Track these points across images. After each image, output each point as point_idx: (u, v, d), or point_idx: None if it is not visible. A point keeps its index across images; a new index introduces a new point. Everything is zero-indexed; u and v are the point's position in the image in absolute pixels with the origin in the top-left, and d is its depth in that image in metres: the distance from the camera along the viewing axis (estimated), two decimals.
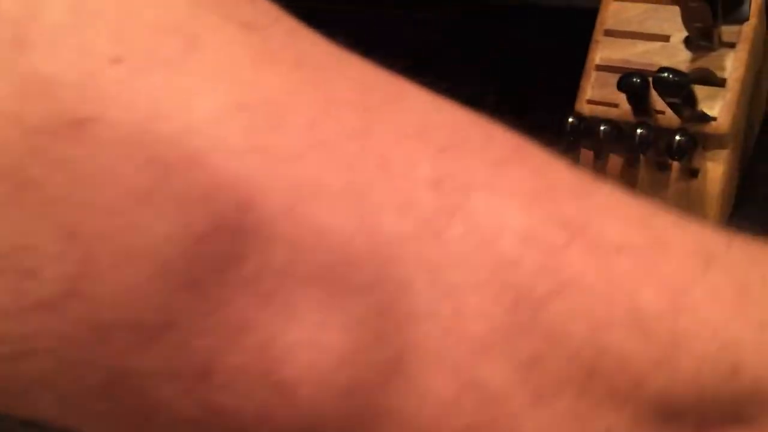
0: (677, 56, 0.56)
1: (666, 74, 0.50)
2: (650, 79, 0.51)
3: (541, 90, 0.80)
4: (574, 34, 0.75)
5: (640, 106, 0.53)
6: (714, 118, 0.54)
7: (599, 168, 0.60)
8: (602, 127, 0.52)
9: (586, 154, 0.61)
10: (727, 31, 0.55)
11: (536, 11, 0.78)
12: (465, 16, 0.83)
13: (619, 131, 0.53)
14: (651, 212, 0.24)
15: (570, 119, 0.53)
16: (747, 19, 0.55)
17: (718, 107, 0.54)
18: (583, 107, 0.57)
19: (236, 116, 0.18)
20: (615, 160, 0.60)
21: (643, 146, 0.52)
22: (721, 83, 0.55)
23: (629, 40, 0.58)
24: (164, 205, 0.17)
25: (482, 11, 0.81)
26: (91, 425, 0.20)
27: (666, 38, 0.57)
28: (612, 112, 0.55)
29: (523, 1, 0.79)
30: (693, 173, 0.57)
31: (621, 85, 0.51)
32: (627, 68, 0.56)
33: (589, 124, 0.53)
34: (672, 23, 0.56)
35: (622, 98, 0.55)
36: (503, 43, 0.83)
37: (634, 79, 0.51)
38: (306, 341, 0.19)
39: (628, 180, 0.60)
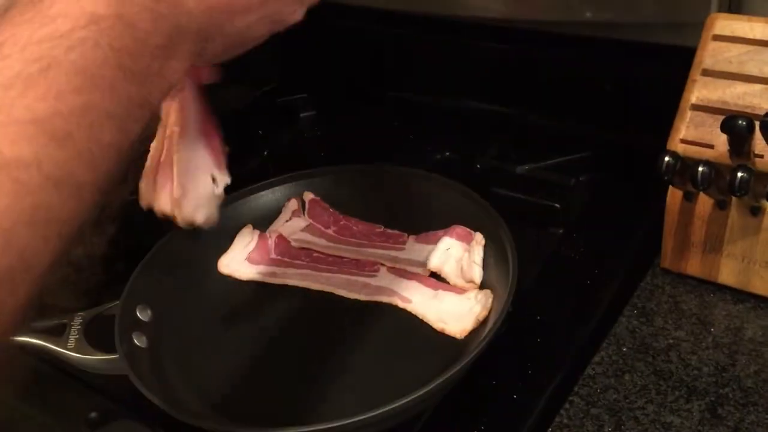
0: None
1: None
2: (756, 122, 0.50)
3: (631, 126, 0.80)
4: (668, 71, 0.75)
5: (740, 149, 0.52)
6: None
7: (688, 209, 0.60)
8: (700, 168, 0.51)
9: (675, 193, 0.60)
10: None
11: (632, 47, 0.78)
12: (551, 47, 0.84)
13: (716, 172, 0.52)
14: None
15: (666, 158, 0.53)
16: None
17: None
18: (676, 146, 0.56)
19: None
20: (705, 202, 0.59)
21: (741, 189, 0.51)
22: None
23: (728, 81, 0.57)
24: None
25: (574, 44, 0.82)
26: None
27: (766, 81, 0.56)
28: (707, 153, 0.55)
29: (618, 36, 0.79)
30: None
31: (724, 127, 0.51)
32: (724, 109, 0.55)
33: (684, 164, 0.53)
34: None
35: (719, 139, 0.54)
36: (595, 76, 0.83)
37: (739, 122, 0.50)
38: None
39: (718, 222, 0.59)
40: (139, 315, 0.60)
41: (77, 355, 0.55)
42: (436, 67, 0.94)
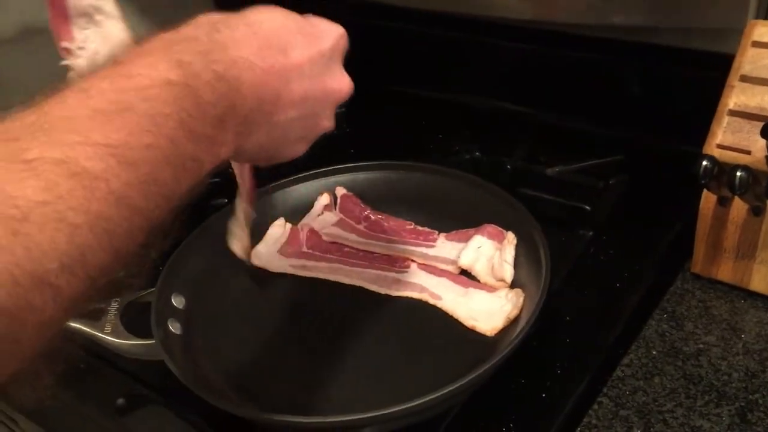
0: None
1: None
2: None
3: (662, 130, 0.80)
4: (700, 76, 0.75)
5: None
6: None
7: (722, 214, 0.60)
8: (738, 173, 0.51)
9: (709, 198, 0.60)
10: None
11: (664, 51, 0.78)
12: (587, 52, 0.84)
13: (753, 178, 0.52)
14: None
15: (704, 162, 0.53)
16: None
17: None
18: (713, 151, 0.56)
19: None
20: (739, 207, 0.59)
21: None
22: None
23: (766, 88, 0.57)
24: None
25: (608, 48, 0.82)
26: None
27: None
28: (743, 159, 0.55)
29: (651, 40, 0.79)
30: None
31: (764, 133, 0.51)
32: (762, 116, 0.55)
33: (721, 168, 0.53)
34: None
35: (756, 145, 0.54)
36: (626, 80, 0.83)
37: None
38: None
39: (752, 228, 0.59)
40: (173, 302, 0.61)
41: (114, 339, 0.57)
42: (467, 67, 0.95)
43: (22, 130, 0.33)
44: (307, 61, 0.46)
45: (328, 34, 0.49)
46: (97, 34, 0.70)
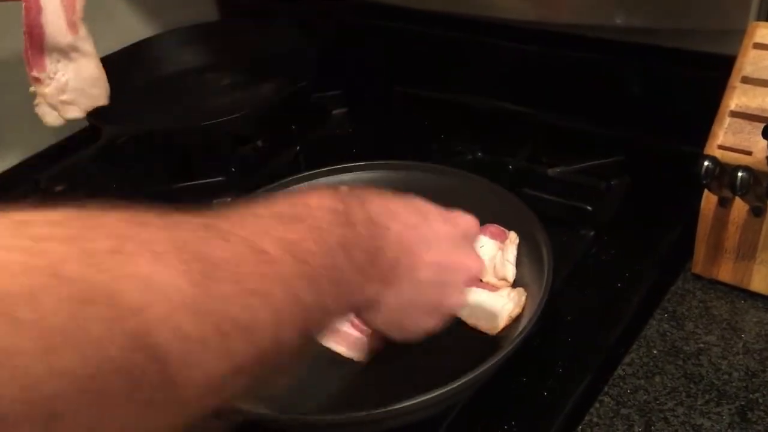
0: None
1: None
2: None
3: (663, 131, 0.80)
4: (701, 77, 0.75)
5: None
6: None
7: (722, 215, 0.60)
8: (740, 173, 0.51)
9: (710, 198, 0.60)
10: None
11: (666, 52, 0.78)
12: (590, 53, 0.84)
13: (754, 179, 0.53)
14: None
15: (705, 162, 0.53)
16: None
17: None
18: (714, 151, 0.57)
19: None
20: (740, 208, 0.59)
21: None
22: None
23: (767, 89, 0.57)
24: None
25: (610, 48, 0.82)
26: None
27: None
28: (744, 159, 0.55)
29: (652, 42, 0.79)
30: None
31: (765, 133, 0.51)
32: (763, 117, 0.56)
33: (722, 169, 0.53)
34: None
35: (757, 146, 0.54)
36: (628, 81, 0.83)
37: None
38: None
39: (752, 229, 0.59)
40: None
41: None
42: (468, 67, 0.95)
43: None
44: (444, 232, 0.49)
45: (464, 218, 0.52)
46: (69, 68, 0.71)
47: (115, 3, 1.05)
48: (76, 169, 0.92)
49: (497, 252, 0.64)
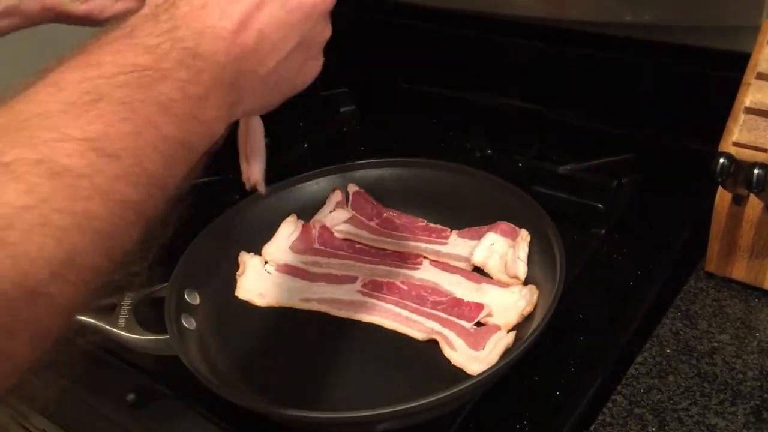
0: None
1: None
2: None
3: (675, 129, 0.79)
4: (714, 75, 0.75)
5: None
6: None
7: (736, 212, 0.59)
8: (756, 170, 0.51)
9: (724, 196, 0.60)
10: None
11: (677, 49, 0.78)
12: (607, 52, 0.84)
13: None
14: None
15: (721, 160, 0.53)
16: None
17: None
18: (729, 148, 0.56)
19: None
20: (755, 205, 0.59)
21: None
22: None
23: None
24: None
25: (620, 46, 0.82)
26: None
27: None
28: (759, 156, 0.54)
29: (664, 39, 0.79)
30: None
31: None
32: None
33: (738, 166, 0.53)
34: None
35: None
36: (639, 78, 0.83)
37: None
38: None
39: (767, 226, 0.58)
40: (187, 298, 0.61)
41: (128, 334, 0.57)
42: (478, 65, 0.94)
43: None
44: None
45: None
46: None
47: None
48: None
49: (508, 250, 0.63)
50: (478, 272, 0.65)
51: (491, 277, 0.63)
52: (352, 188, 0.73)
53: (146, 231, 0.36)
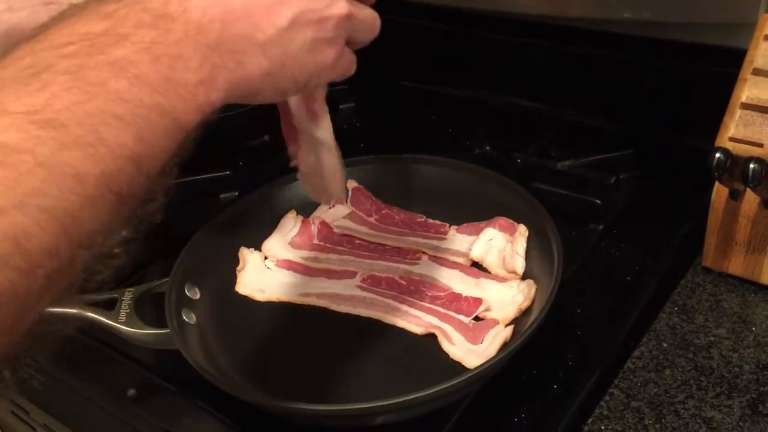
0: None
1: None
2: None
3: (673, 125, 0.80)
4: (711, 71, 0.75)
5: None
6: None
7: (733, 207, 0.60)
8: (752, 165, 0.51)
9: (721, 191, 0.60)
10: None
11: (675, 46, 0.78)
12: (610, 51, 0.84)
13: (766, 171, 0.52)
14: None
15: (717, 154, 0.53)
16: None
17: None
18: (725, 144, 0.57)
19: None
20: (751, 200, 0.59)
21: None
22: None
23: None
24: None
25: (618, 42, 0.82)
26: None
27: None
28: (755, 152, 0.55)
29: (662, 35, 0.79)
30: None
31: None
32: None
33: (735, 161, 0.53)
34: None
35: None
36: (637, 75, 0.83)
37: None
38: None
39: (764, 221, 0.59)
40: (187, 293, 0.61)
41: (128, 328, 0.57)
42: (478, 62, 0.95)
43: None
44: None
45: None
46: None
47: None
48: None
49: (507, 245, 0.64)
50: (477, 267, 0.65)
51: (489, 272, 0.64)
52: (352, 184, 0.74)
53: (127, 210, 0.33)
